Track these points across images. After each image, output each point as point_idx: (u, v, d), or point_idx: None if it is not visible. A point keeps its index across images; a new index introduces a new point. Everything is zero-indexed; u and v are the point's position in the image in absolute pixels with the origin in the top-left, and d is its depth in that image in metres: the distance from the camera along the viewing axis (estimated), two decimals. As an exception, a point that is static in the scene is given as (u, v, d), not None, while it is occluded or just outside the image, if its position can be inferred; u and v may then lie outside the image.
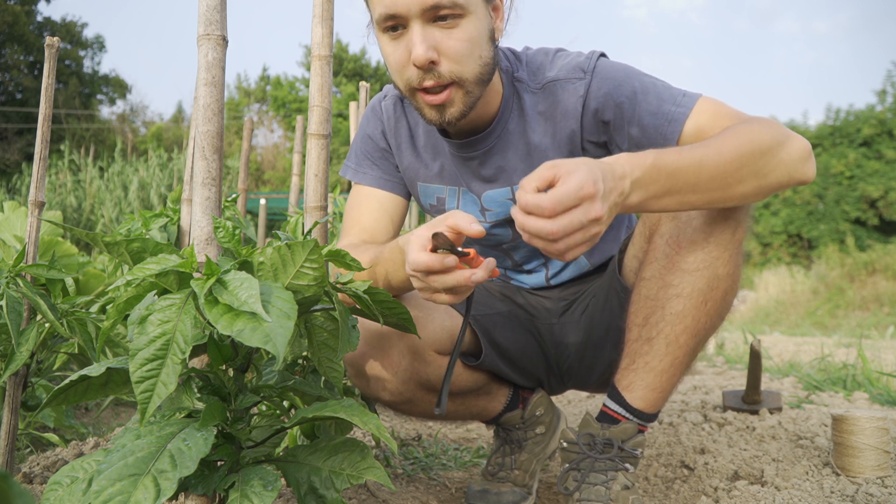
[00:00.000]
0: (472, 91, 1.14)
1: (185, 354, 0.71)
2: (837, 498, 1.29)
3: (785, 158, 1.03)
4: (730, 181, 1.00)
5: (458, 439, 2.09)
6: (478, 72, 1.13)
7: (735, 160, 1.00)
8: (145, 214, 1.77)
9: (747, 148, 1.00)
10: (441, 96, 1.12)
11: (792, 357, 4.08)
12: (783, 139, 1.04)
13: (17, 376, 1.32)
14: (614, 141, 1.19)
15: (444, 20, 1.08)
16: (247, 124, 2.45)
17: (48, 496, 0.76)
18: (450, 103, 1.13)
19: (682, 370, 1.17)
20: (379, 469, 0.82)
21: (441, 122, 1.16)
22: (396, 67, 1.13)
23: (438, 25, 1.09)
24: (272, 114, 23.09)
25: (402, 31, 1.10)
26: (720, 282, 1.12)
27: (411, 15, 1.07)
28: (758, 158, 1.01)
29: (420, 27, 1.08)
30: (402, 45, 1.11)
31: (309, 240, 0.78)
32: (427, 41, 1.07)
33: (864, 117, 15.93)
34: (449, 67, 1.10)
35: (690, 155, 0.98)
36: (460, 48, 1.10)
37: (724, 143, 1.00)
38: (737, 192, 1.02)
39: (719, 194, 1.01)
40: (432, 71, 1.10)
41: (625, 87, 1.16)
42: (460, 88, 1.12)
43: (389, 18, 1.09)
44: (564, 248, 0.87)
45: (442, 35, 1.09)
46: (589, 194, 0.84)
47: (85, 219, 11.13)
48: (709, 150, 0.99)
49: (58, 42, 1.34)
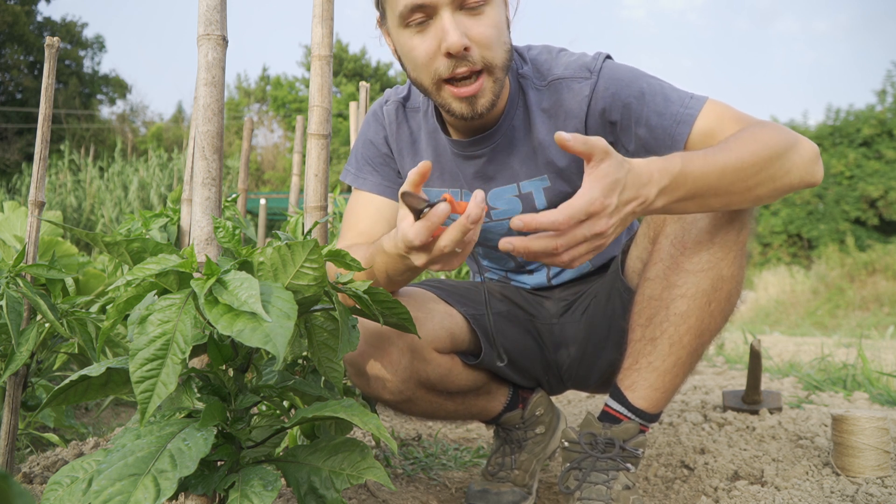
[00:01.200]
0: (500, 78, 1.14)
1: (185, 354, 0.71)
2: (837, 498, 1.29)
3: (798, 161, 1.05)
4: (749, 185, 1.02)
5: (458, 439, 2.09)
6: (505, 58, 1.14)
7: (754, 164, 1.01)
8: (145, 214, 1.77)
9: (765, 152, 1.02)
10: (473, 87, 1.12)
11: (792, 357, 4.08)
12: (794, 143, 1.05)
13: (17, 376, 1.32)
14: (620, 141, 1.19)
15: (471, 6, 1.09)
16: (247, 124, 2.45)
17: (48, 496, 0.76)
18: (481, 94, 1.13)
19: (685, 371, 1.17)
20: (379, 469, 0.82)
21: (472, 113, 1.15)
22: (424, 60, 1.12)
23: (466, 13, 1.09)
24: (272, 114, 23.09)
25: (427, 22, 1.10)
26: (724, 283, 1.12)
27: (441, 3, 1.07)
28: (774, 162, 1.02)
29: (450, 14, 1.08)
30: (428, 37, 1.10)
31: (309, 240, 0.78)
32: (460, 28, 1.08)
33: (864, 117, 15.93)
34: (481, 53, 1.10)
35: (714, 160, 0.99)
36: (490, 34, 1.10)
37: (745, 148, 1.01)
38: (753, 195, 1.04)
39: (738, 197, 1.03)
40: (465, 58, 1.09)
41: (632, 87, 1.16)
42: (490, 76, 1.13)
43: (417, 9, 1.08)
44: (569, 260, 0.89)
45: (471, 22, 1.09)
46: (596, 211, 0.86)
47: (85, 219, 11.13)
48: (731, 154, 1.00)
49: (58, 42, 1.34)
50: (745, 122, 1.10)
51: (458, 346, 1.33)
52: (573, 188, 1.27)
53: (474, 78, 1.12)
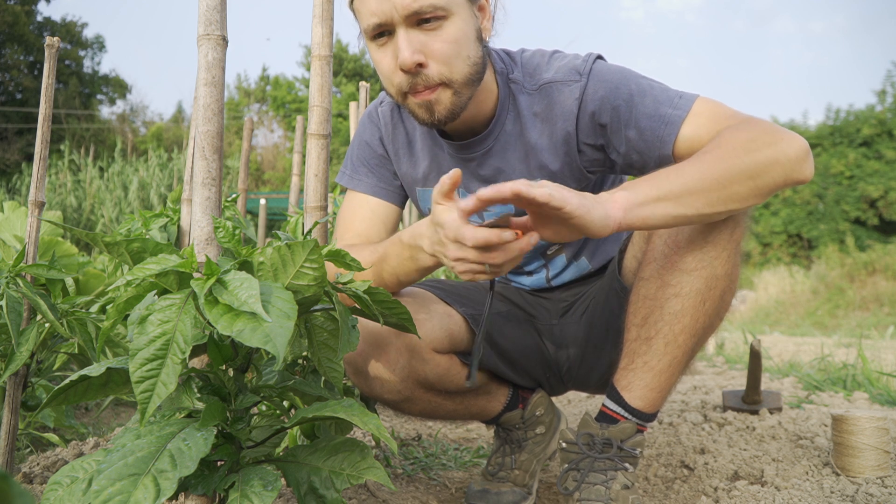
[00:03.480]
0: (461, 91, 1.15)
1: (185, 354, 0.71)
2: (837, 498, 1.29)
3: (780, 159, 1.02)
4: (723, 190, 1.00)
5: (458, 439, 2.09)
6: (466, 72, 1.14)
7: (725, 169, 0.99)
8: (145, 214, 1.77)
9: (736, 156, 1.00)
10: (426, 93, 1.13)
11: (792, 357, 4.08)
12: (775, 140, 1.02)
13: (17, 376, 1.32)
14: (611, 144, 1.18)
15: (428, 22, 1.10)
16: (247, 124, 2.45)
17: (48, 496, 0.76)
18: (436, 102, 1.14)
19: (680, 370, 1.17)
20: (379, 469, 0.82)
21: (433, 121, 1.16)
22: (387, 74, 1.15)
23: (423, 29, 1.10)
24: (272, 114, 23.09)
25: (388, 37, 1.12)
26: (718, 281, 1.12)
27: (396, 21, 1.09)
28: (747, 161, 1.00)
29: (405, 32, 1.10)
30: (389, 52, 1.13)
31: (309, 240, 0.78)
32: (412, 45, 1.09)
33: (864, 117, 15.94)
34: (437, 69, 1.11)
35: (677, 168, 1.00)
36: (447, 49, 1.11)
37: (711, 155, 1.01)
38: (734, 199, 1.01)
39: (715, 196, 1.01)
40: (420, 74, 1.11)
41: (621, 90, 1.16)
42: (448, 89, 1.14)
43: (376, 27, 1.11)
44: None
45: (427, 38, 1.10)
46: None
47: (85, 219, 11.13)
48: (694, 161, 1.01)
49: (58, 42, 1.34)
50: (735, 119, 1.09)
51: (456, 346, 1.33)
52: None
53: (430, 91, 1.13)
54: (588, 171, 1.25)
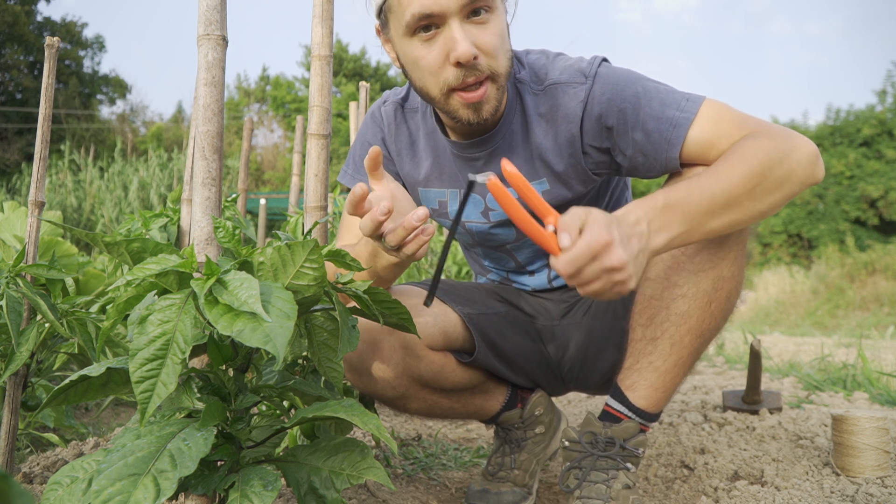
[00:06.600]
0: (503, 85, 1.15)
1: (185, 354, 0.71)
2: (837, 498, 1.29)
3: (795, 168, 1.03)
4: (745, 203, 1.01)
5: (458, 439, 2.09)
6: (508, 65, 1.15)
7: (746, 182, 1.00)
8: (145, 214, 1.77)
9: (756, 168, 1.01)
10: (478, 93, 1.12)
11: (792, 357, 4.08)
12: (790, 149, 1.03)
13: (17, 376, 1.32)
14: (618, 146, 1.18)
15: (478, 15, 1.09)
16: (247, 124, 2.45)
17: (48, 496, 0.76)
18: (486, 100, 1.13)
19: (685, 370, 1.17)
20: (379, 469, 0.82)
21: (478, 119, 1.16)
22: (432, 69, 1.11)
23: (472, 21, 1.09)
24: (272, 114, 23.09)
25: (435, 31, 1.09)
26: (724, 283, 1.13)
27: (450, 12, 1.07)
28: (768, 175, 1.01)
29: (459, 24, 1.08)
30: (436, 46, 1.10)
31: (309, 240, 0.78)
32: (469, 37, 1.08)
33: (864, 117, 15.94)
34: (487, 62, 1.11)
35: (699, 186, 0.99)
36: (495, 42, 1.10)
37: (733, 168, 1.01)
38: (755, 211, 1.03)
39: (739, 216, 1.02)
40: (474, 67, 1.10)
41: (627, 92, 1.15)
42: (494, 83, 1.13)
43: (424, 18, 1.08)
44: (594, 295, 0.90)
45: (477, 31, 1.09)
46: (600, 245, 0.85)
47: (85, 219, 11.13)
48: (719, 177, 1.00)
49: (58, 42, 1.34)
50: (741, 123, 1.09)
51: (451, 344, 1.33)
52: (572, 192, 1.27)
53: (478, 85, 1.12)
54: (593, 172, 1.25)
